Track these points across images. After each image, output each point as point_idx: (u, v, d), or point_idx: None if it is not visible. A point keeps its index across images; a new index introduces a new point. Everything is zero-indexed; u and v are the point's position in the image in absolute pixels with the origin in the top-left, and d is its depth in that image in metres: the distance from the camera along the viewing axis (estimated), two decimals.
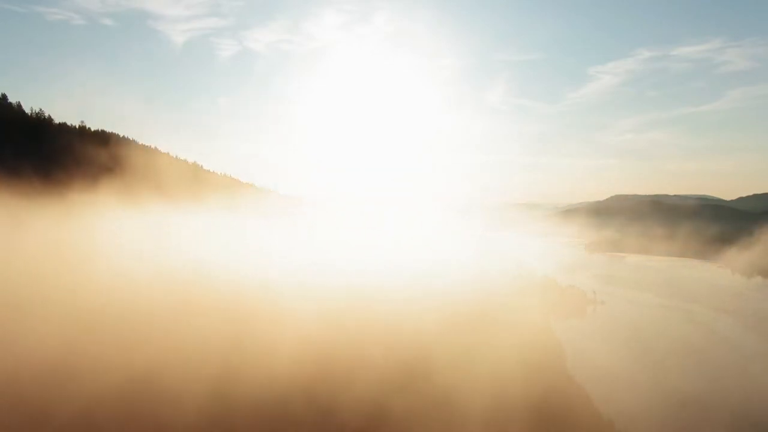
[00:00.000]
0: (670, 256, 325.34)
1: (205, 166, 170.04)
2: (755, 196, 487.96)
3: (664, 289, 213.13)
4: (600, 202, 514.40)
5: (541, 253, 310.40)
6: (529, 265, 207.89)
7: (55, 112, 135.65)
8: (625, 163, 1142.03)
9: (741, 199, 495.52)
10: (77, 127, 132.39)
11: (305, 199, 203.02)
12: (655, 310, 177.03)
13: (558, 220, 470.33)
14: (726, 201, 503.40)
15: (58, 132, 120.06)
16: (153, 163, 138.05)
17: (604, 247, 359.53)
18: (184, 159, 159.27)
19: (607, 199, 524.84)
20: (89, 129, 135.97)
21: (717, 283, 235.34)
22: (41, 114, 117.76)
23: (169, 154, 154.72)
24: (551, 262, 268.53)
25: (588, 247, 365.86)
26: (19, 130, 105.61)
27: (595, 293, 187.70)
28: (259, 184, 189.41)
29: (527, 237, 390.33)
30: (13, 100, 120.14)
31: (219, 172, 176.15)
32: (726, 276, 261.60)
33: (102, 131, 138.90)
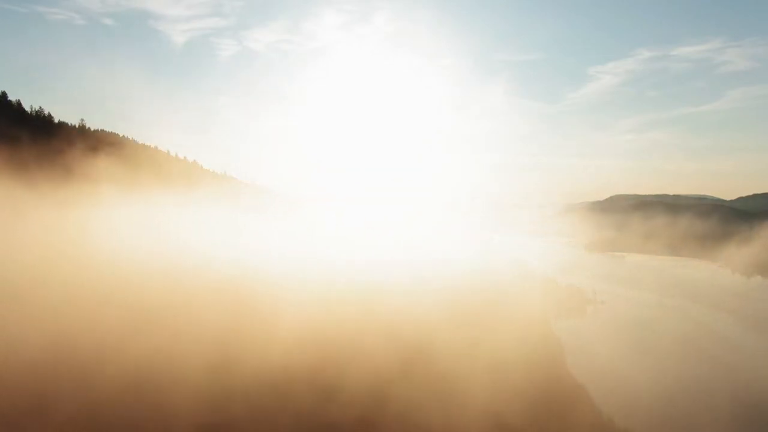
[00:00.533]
0: (669, 256, 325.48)
1: (204, 165, 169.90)
2: (755, 196, 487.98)
3: (663, 288, 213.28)
4: (600, 202, 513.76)
5: (541, 252, 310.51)
6: (529, 264, 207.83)
7: (55, 112, 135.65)
8: (625, 163, 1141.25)
9: (741, 199, 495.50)
10: (77, 126, 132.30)
11: (306, 197, 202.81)
12: (655, 309, 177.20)
13: (558, 219, 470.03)
14: (726, 201, 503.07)
15: (58, 130, 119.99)
16: (153, 162, 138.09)
17: (603, 247, 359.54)
18: (183, 158, 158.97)
19: (607, 199, 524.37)
20: (89, 128, 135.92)
21: (717, 283, 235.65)
22: (41, 112, 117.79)
23: (169, 152, 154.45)
24: (551, 261, 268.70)
25: (588, 247, 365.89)
26: (19, 128, 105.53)
27: (594, 293, 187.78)
28: (259, 183, 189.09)
29: (527, 236, 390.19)
30: (12, 98, 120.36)
31: (219, 171, 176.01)
32: (726, 275, 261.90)
33: (102, 130, 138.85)
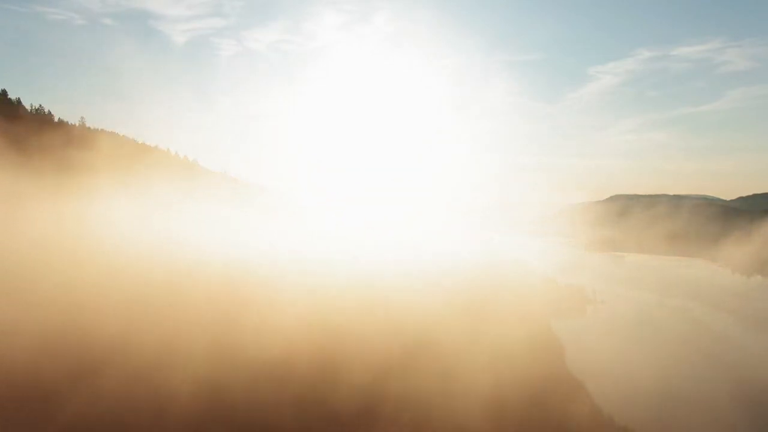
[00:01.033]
0: (670, 256, 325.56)
1: (204, 165, 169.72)
2: (755, 196, 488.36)
3: (664, 287, 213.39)
4: (600, 202, 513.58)
5: (541, 252, 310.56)
6: (529, 263, 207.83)
7: (55, 111, 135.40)
8: (625, 163, 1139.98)
9: (741, 198, 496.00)
10: (77, 124, 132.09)
11: (306, 197, 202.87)
12: (655, 308, 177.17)
13: (558, 219, 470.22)
14: (726, 201, 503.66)
15: (57, 128, 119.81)
16: (153, 161, 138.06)
17: (603, 247, 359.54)
18: (183, 156, 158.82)
19: (607, 199, 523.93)
20: (89, 127, 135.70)
21: (717, 282, 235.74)
22: (41, 110, 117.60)
23: (169, 150, 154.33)
24: (551, 261, 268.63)
25: (588, 247, 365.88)
26: (19, 126, 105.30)
27: (594, 292, 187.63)
28: (260, 183, 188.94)
29: (527, 236, 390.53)
30: (12, 96, 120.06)
31: (219, 171, 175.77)
32: (726, 275, 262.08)
33: (102, 130, 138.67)
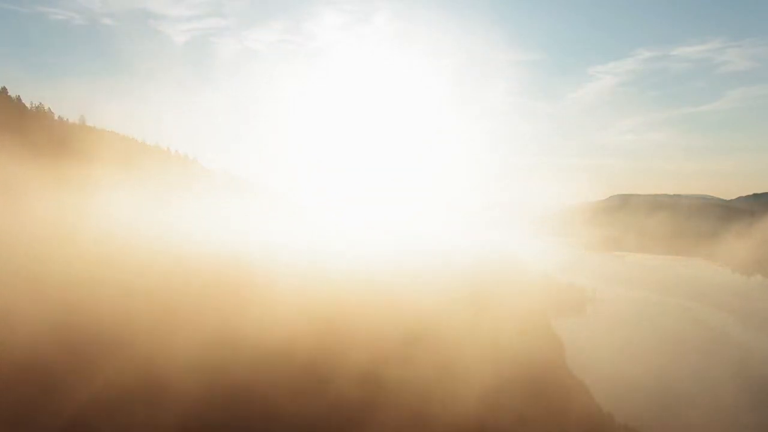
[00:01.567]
0: (670, 255, 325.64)
1: (205, 164, 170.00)
2: (755, 196, 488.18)
3: (663, 287, 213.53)
4: (600, 202, 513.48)
5: (541, 251, 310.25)
6: (529, 263, 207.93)
7: (55, 110, 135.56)
8: (625, 163, 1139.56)
9: (741, 198, 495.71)
10: (77, 122, 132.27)
11: (306, 196, 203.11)
12: (654, 307, 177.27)
13: (558, 219, 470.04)
14: (726, 200, 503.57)
15: (57, 126, 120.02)
16: (153, 159, 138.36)
17: (604, 247, 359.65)
18: (184, 154, 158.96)
19: (607, 198, 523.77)
20: (89, 126, 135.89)
21: (717, 281, 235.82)
22: (41, 107, 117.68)
23: (169, 149, 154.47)
24: (551, 260, 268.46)
25: (588, 246, 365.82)
26: (19, 123, 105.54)
27: (594, 291, 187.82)
28: (260, 182, 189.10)
29: (527, 236, 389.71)
30: (12, 94, 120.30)
31: (218, 169, 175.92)
32: (725, 274, 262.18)
33: (102, 129, 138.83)
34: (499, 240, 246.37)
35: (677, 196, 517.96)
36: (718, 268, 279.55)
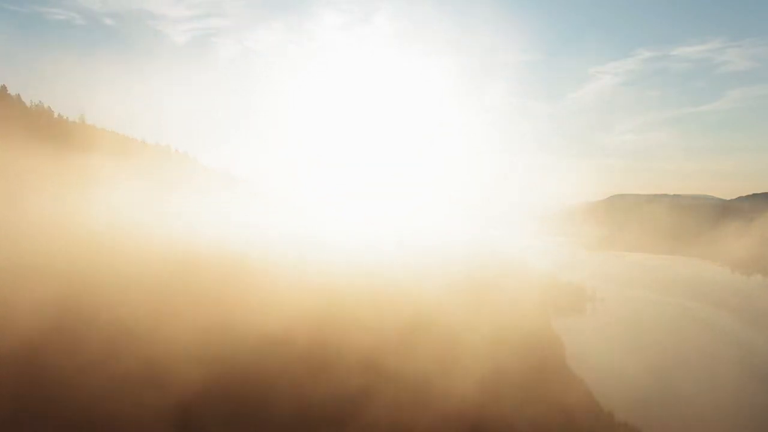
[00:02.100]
0: (669, 255, 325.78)
1: (205, 164, 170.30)
2: (755, 196, 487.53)
3: (663, 286, 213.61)
4: (600, 202, 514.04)
5: (541, 251, 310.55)
6: (528, 262, 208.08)
7: (55, 109, 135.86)
8: (625, 163, 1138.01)
9: (741, 198, 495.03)
10: (77, 121, 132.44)
11: (307, 195, 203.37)
12: (654, 306, 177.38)
13: (558, 219, 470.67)
14: (726, 200, 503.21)
15: (57, 124, 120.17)
16: (152, 158, 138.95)
17: (603, 246, 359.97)
18: (184, 152, 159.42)
19: (607, 198, 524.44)
20: (89, 124, 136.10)
21: (716, 281, 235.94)
22: (41, 105, 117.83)
23: (169, 147, 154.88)
24: (550, 260, 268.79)
25: (588, 246, 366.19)
26: (18, 121, 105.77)
27: (594, 290, 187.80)
28: (260, 181, 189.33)
29: (526, 235, 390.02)
30: (12, 92, 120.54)
31: (219, 168, 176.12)
32: (725, 274, 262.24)
33: (102, 129, 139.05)
34: (499, 238, 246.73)
35: (677, 196, 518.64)
36: (717, 268, 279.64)
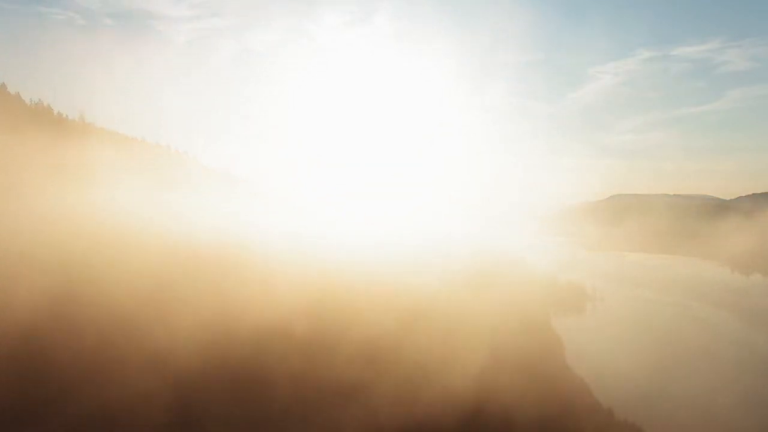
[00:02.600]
0: (669, 254, 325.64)
1: (205, 163, 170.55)
2: (755, 196, 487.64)
3: (663, 286, 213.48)
4: (600, 202, 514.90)
5: (541, 250, 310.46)
6: (529, 261, 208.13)
7: (54, 108, 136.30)
8: (625, 163, 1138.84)
9: (741, 198, 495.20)
10: (76, 119, 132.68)
11: (307, 194, 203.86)
12: (654, 306, 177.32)
13: (558, 219, 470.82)
14: (726, 200, 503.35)
15: (56, 122, 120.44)
16: (152, 156, 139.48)
17: (604, 246, 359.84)
18: (183, 152, 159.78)
19: (607, 198, 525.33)
20: (89, 123, 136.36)
21: (716, 280, 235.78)
22: (40, 103, 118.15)
23: (169, 147, 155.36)
24: (551, 259, 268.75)
25: (588, 246, 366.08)
26: (18, 119, 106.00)
27: (594, 290, 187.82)
28: (260, 181, 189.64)
29: (527, 235, 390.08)
30: (11, 90, 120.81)
31: (220, 169, 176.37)
32: (725, 273, 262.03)
33: (102, 128, 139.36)
34: (499, 238, 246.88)
35: (677, 196, 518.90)
36: (717, 268, 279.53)
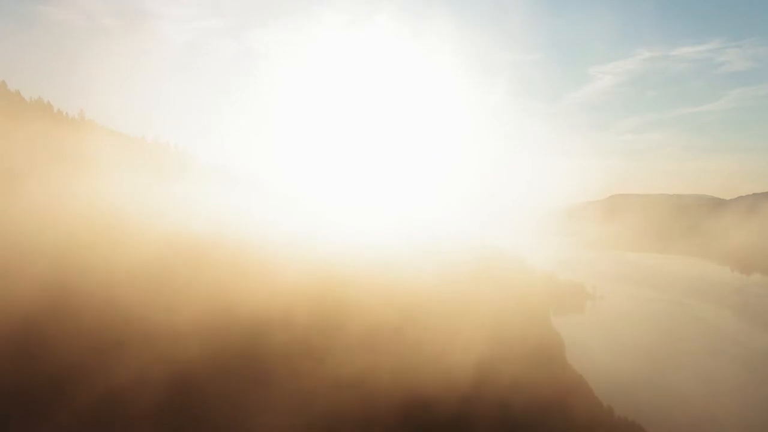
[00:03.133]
0: (668, 254, 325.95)
1: (205, 163, 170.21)
2: (755, 196, 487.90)
3: (662, 285, 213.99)
4: (600, 202, 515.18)
5: (541, 250, 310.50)
6: (529, 261, 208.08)
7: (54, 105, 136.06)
8: (625, 163, 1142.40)
9: (741, 198, 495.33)
10: (76, 117, 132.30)
11: (307, 194, 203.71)
12: (653, 304, 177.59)
13: (558, 219, 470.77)
14: (726, 200, 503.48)
15: (56, 120, 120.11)
16: (151, 156, 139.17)
17: (603, 245, 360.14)
18: (183, 148, 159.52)
19: (607, 198, 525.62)
20: (89, 120, 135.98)
21: (716, 280, 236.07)
22: (40, 101, 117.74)
23: (168, 144, 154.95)
24: (551, 259, 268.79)
25: (588, 245, 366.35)
26: (18, 117, 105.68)
27: (594, 289, 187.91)
28: (260, 180, 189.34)
29: (527, 235, 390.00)
30: (11, 88, 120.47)
31: (221, 169, 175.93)
32: (725, 273, 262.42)
33: (103, 127, 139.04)
34: (500, 237, 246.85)
35: (677, 196, 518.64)
36: (716, 267, 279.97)
